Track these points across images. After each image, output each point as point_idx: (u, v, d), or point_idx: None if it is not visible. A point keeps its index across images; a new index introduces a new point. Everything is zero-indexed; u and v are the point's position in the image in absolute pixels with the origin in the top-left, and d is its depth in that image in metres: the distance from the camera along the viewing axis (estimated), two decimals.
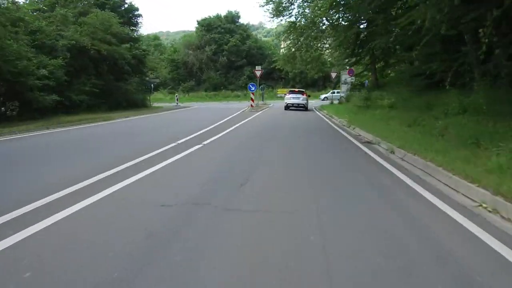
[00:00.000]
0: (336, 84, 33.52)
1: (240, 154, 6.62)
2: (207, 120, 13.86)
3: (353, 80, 24.86)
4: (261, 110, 22.54)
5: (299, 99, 24.16)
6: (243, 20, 59.89)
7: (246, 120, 14.52)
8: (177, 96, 32.74)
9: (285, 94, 27.42)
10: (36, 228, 2.72)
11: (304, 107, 23.96)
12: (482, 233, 2.74)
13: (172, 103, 33.94)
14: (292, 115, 18.83)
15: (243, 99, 45.41)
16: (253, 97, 22.59)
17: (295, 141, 8.65)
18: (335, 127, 11.92)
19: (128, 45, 21.65)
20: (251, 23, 54.28)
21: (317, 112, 21.93)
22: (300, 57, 25.84)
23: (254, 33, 55.29)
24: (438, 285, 2.02)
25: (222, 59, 46.71)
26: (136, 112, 18.90)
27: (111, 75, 20.94)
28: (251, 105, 22.39)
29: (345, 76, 25.14)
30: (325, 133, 10.36)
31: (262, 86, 33.07)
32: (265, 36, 71.94)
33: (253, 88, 22.15)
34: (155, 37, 57.67)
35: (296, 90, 26.97)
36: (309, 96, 28.38)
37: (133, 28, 26.67)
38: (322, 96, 41.71)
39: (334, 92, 35.28)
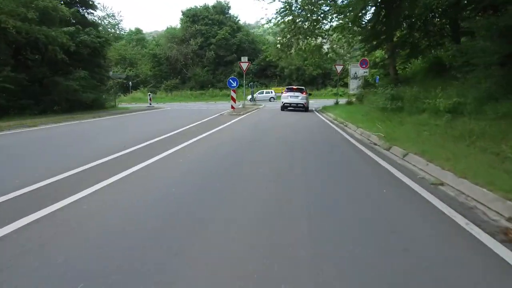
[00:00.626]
0: (339, 81, 28.26)
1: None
2: (157, 130, 8.87)
3: (366, 74, 19.70)
4: (246, 113, 17.40)
5: (298, 98, 20.41)
6: (242, 19, 54.29)
7: (214, 130, 9.43)
8: (150, 96, 27.49)
9: (282, 92, 22.25)
10: None
11: (303, 108, 20.22)
12: None
13: (146, 104, 28.70)
14: (285, 120, 13.77)
15: (240, 98, 40.19)
16: (234, 96, 17.42)
17: (295, 195, 3.49)
18: (357, 144, 6.81)
19: (72, 29, 16.41)
20: (247, 22, 48.90)
21: (320, 116, 16.85)
22: (297, 44, 20.64)
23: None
24: None
25: (210, 53, 41.46)
26: (75, 116, 13.69)
27: (46, 67, 15.67)
28: (232, 107, 17.18)
29: (356, 69, 19.95)
30: (348, 168, 5.20)
31: (251, 83, 27.88)
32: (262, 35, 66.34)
33: (234, 84, 17.05)
34: (137, 31, 52.29)
35: (295, 87, 22.01)
36: (310, 94, 23.30)
37: (90, 11, 21.32)
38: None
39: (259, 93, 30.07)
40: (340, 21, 18.42)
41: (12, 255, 2.20)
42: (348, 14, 14.17)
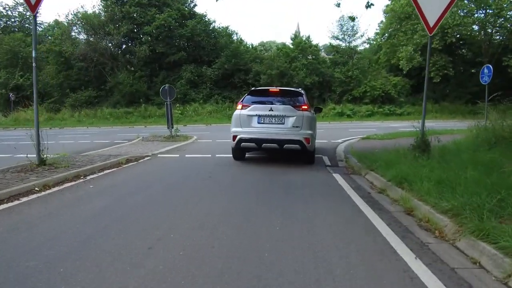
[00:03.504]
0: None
1: None
2: None
3: None
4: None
5: (282, 122, 6.74)
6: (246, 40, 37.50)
7: None
8: None
9: (239, 108, 7.16)
10: None
11: (301, 151, 6.85)
12: None
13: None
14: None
15: (178, 121, 24.42)
16: None
17: None
18: None
19: None
20: (252, 43, 33.09)
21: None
22: None
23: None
24: None
25: (142, 50, 25.72)
26: None
27: None
28: None
29: None
30: None
31: (166, 86, 12.07)
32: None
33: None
34: (57, 23, 35.92)
35: (275, 89, 7.76)
36: (319, 110, 7.12)
37: None
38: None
39: None
40: None
41: None
42: None
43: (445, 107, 26.27)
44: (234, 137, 6.75)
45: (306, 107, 6.79)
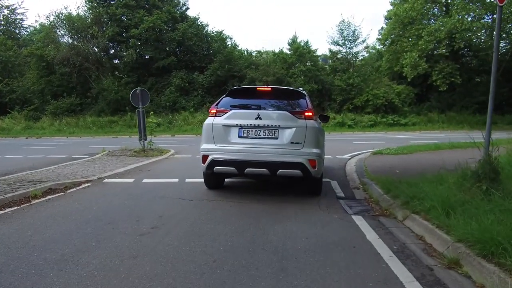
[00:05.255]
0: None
1: None
2: None
3: None
4: None
5: (279, 133, 4.71)
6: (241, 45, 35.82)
7: None
8: None
9: (212, 115, 5.04)
10: None
11: (307, 177, 4.74)
12: None
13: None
14: None
15: (166, 131, 22.49)
16: None
17: None
18: None
19: None
20: (247, 48, 31.07)
21: None
22: None
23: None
24: None
25: (129, 54, 23.83)
26: None
27: None
28: None
29: None
30: None
31: (138, 89, 10.13)
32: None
33: None
34: (42, 27, 34.03)
35: (268, 88, 5.37)
36: (325, 119, 6.00)
37: None
38: None
39: None
40: None
41: None
42: None
43: (452, 117, 24.54)
44: (205, 157, 4.76)
45: (310, 113, 4.77)
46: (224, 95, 5.27)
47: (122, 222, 3.87)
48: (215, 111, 4.90)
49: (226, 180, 5.85)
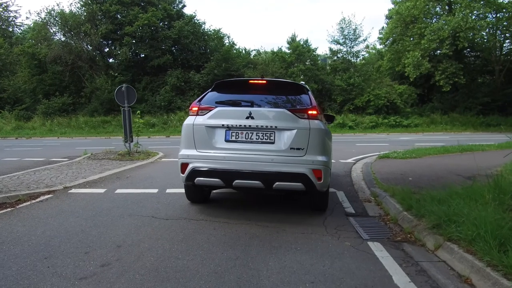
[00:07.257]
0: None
1: None
2: None
3: None
4: None
5: (275, 136, 3.76)
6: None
7: None
8: None
9: (193, 113, 4.01)
10: None
11: (310, 191, 3.81)
12: None
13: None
14: None
15: (160, 132, 21.57)
16: None
17: None
18: None
19: None
20: (245, 47, 30.06)
21: None
22: None
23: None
24: None
25: (123, 52, 22.87)
26: None
27: None
28: None
29: None
30: None
31: (124, 86, 9.04)
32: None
33: None
34: (36, 24, 33.09)
35: (263, 81, 4.12)
36: (330, 119, 5.26)
37: None
38: None
39: None
40: None
41: None
42: None
43: (455, 118, 23.66)
44: (184, 166, 3.87)
45: (315, 112, 3.86)
46: (210, 89, 4.35)
47: (65, 256, 2.92)
48: (196, 108, 3.99)
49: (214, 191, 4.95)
